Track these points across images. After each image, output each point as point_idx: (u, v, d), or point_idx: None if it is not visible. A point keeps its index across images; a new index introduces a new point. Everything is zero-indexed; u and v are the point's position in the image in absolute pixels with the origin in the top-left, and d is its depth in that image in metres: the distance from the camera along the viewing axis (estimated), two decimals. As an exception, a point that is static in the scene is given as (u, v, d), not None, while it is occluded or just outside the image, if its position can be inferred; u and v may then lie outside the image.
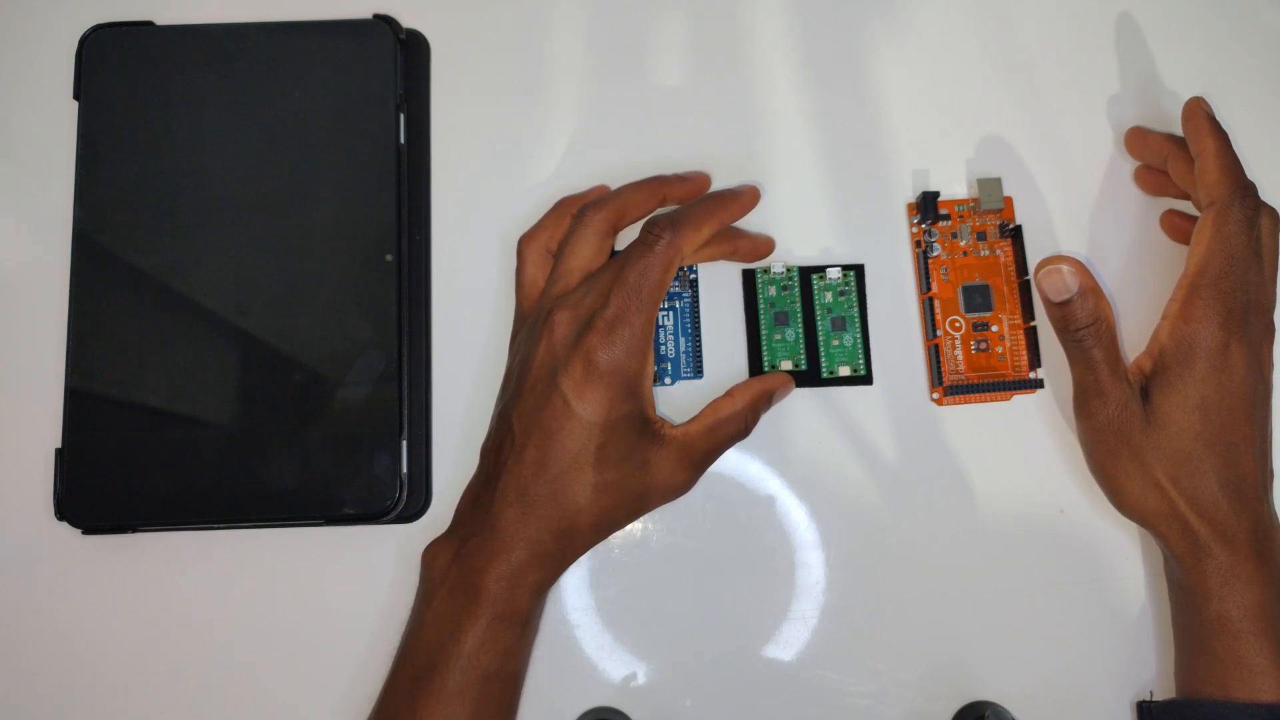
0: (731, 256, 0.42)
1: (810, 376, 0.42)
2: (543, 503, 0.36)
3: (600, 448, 0.36)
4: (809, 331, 0.42)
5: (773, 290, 0.43)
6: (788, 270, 0.43)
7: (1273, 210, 0.38)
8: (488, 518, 0.37)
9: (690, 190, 0.42)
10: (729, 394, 0.40)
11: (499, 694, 0.37)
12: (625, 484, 0.37)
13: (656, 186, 0.41)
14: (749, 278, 0.43)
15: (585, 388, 0.36)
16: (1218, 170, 0.38)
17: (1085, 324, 0.37)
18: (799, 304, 0.42)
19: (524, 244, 0.41)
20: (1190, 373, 0.36)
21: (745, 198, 0.41)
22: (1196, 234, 0.38)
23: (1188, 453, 0.36)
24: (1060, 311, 0.37)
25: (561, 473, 0.36)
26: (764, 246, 0.42)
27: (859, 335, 0.42)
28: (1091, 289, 0.37)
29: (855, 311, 0.42)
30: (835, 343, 0.42)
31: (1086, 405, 0.38)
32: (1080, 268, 0.37)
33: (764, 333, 0.42)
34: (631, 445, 0.37)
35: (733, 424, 0.39)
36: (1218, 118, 0.39)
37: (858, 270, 0.43)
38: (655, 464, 0.37)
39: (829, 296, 0.42)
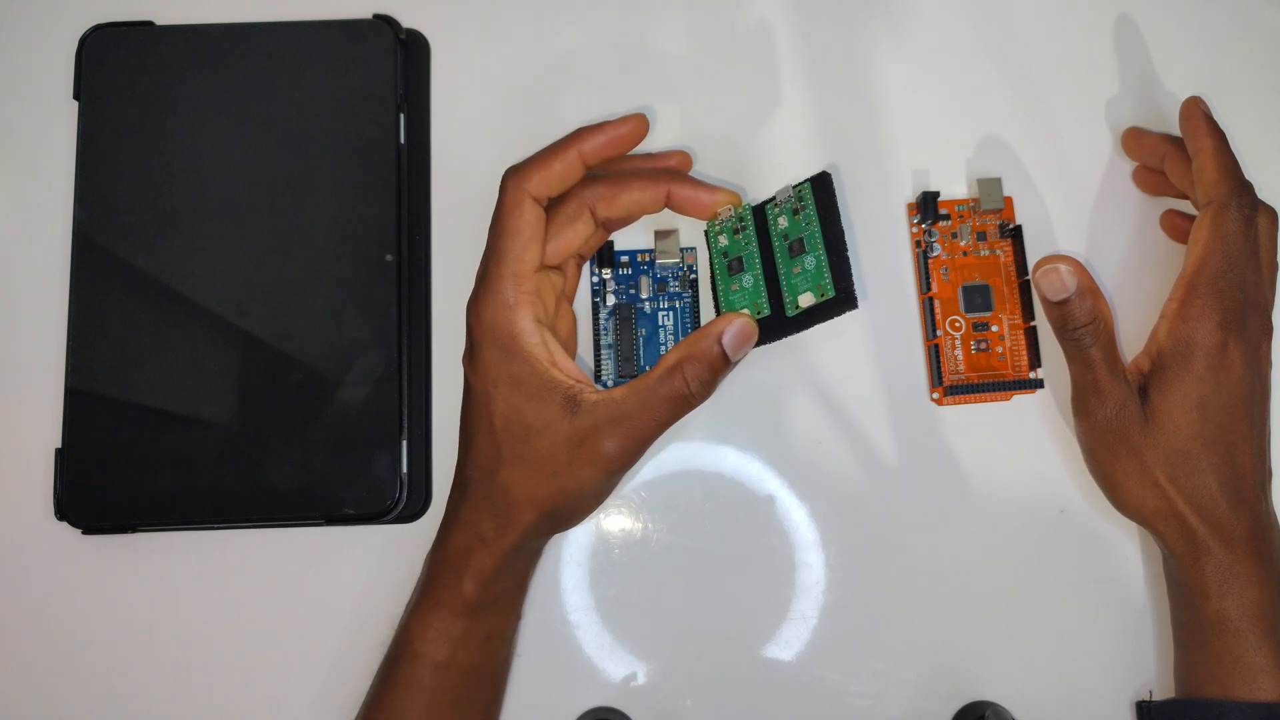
0: (671, 204, 0.38)
1: (777, 322, 0.37)
2: (471, 484, 0.36)
3: (500, 418, 0.35)
4: (769, 271, 0.37)
5: (724, 239, 0.39)
6: (737, 212, 0.38)
7: (1270, 209, 0.38)
8: (446, 509, 0.38)
9: (607, 138, 0.37)
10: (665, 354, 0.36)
11: (457, 689, 0.36)
12: (540, 456, 0.35)
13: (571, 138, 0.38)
14: (706, 237, 0.40)
15: (473, 358, 0.36)
16: (1215, 170, 0.38)
17: (1083, 323, 0.37)
18: (755, 245, 0.37)
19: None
20: (1188, 372, 0.36)
21: (616, 127, 0.37)
22: (1194, 233, 0.38)
23: (1186, 452, 0.36)
24: (1058, 311, 0.37)
25: (479, 450, 0.36)
26: (709, 195, 0.37)
27: (820, 253, 0.36)
28: (1089, 288, 0.37)
29: (815, 228, 0.36)
30: (796, 271, 0.36)
31: (1085, 404, 0.38)
32: (1078, 267, 0.37)
33: (719, 287, 0.38)
34: (534, 412, 0.35)
35: (666, 385, 0.34)
36: (1216, 117, 0.39)
37: (817, 181, 0.37)
38: (571, 432, 0.34)
39: (784, 222, 0.37)
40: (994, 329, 0.42)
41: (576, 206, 0.38)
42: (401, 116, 0.43)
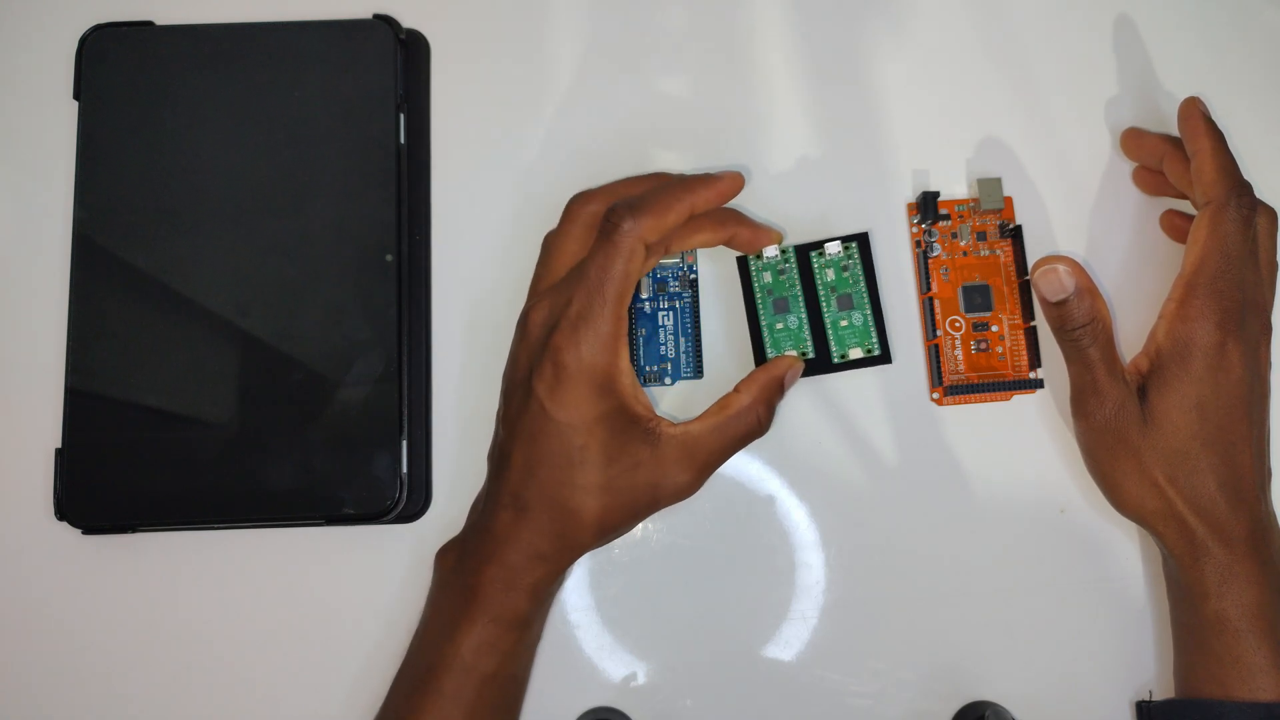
0: (730, 244, 0.41)
1: (820, 364, 0.41)
2: (534, 506, 0.36)
3: (582, 450, 0.36)
4: (814, 315, 0.41)
5: (768, 276, 0.42)
6: (782, 253, 0.41)
7: (1269, 209, 0.38)
8: (486, 521, 0.37)
9: (715, 193, 0.39)
10: (736, 389, 0.39)
11: (497, 697, 0.37)
12: (617, 485, 0.37)
13: (658, 178, 0.41)
14: (743, 265, 0.42)
15: (557, 389, 0.36)
16: (1213, 170, 0.38)
17: (1081, 324, 0.37)
18: (799, 287, 0.41)
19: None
20: (1187, 372, 0.36)
21: (722, 183, 0.39)
22: (1193, 233, 0.38)
23: (1185, 452, 0.36)
24: (1057, 311, 0.37)
25: (549, 476, 0.36)
26: (765, 237, 0.41)
27: (868, 312, 0.41)
28: (1088, 288, 0.37)
29: (862, 286, 0.41)
30: (844, 324, 0.41)
31: (1084, 405, 0.38)
32: (1076, 267, 0.37)
33: (764, 323, 0.41)
34: (618, 445, 0.36)
35: (742, 421, 0.38)
36: (1215, 118, 0.39)
37: (860, 240, 0.41)
38: (650, 464, 0.37)
39: (830, 274, 0.41)
40: (994, 329, 0.42)
41: (658, 245, 0.39)
42: (401, 116, 0.43)
